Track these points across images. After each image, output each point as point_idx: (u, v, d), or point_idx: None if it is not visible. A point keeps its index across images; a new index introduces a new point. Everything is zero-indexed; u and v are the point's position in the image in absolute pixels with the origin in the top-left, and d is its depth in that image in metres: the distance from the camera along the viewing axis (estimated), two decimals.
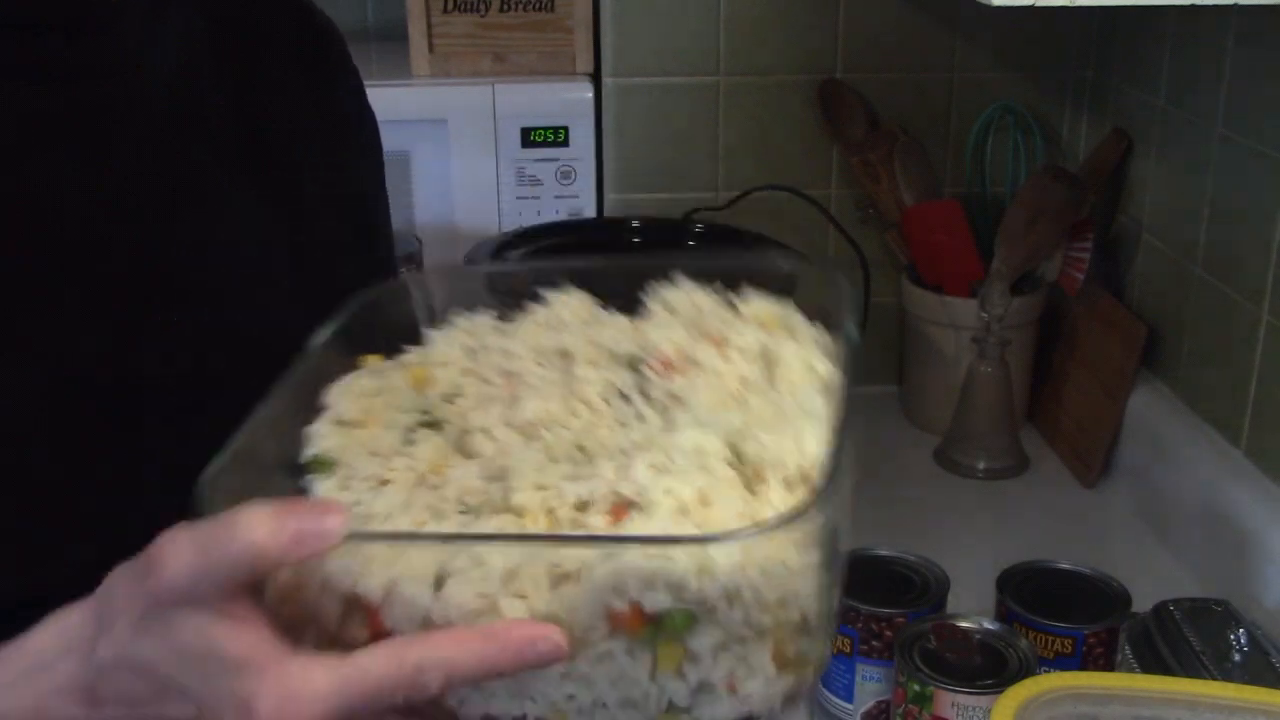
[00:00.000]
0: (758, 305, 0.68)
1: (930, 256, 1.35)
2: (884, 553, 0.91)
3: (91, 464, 0.63)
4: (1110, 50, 1.34)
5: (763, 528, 0.51)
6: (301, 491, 0.59)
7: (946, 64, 1.38)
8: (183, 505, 0.64)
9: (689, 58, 1.36)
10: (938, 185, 1.38)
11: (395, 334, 0.67)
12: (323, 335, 0.64)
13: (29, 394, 0.61)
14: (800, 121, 1.39)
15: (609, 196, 1.41)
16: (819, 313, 0.67)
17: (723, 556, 0.50)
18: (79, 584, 0.63)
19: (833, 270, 0.70)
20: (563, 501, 0.56)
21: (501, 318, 0.69)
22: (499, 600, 0.51)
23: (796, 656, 0.53)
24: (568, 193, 1.39)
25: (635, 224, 1.35)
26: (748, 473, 0.56)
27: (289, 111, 0.77)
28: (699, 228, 1.35)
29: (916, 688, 0.78)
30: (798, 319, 0.67)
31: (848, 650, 0.87)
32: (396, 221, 1.38)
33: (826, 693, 0.89)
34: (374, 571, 0.52)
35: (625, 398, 0.64)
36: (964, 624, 0.82)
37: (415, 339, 0.68)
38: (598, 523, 0.54)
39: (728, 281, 0.69)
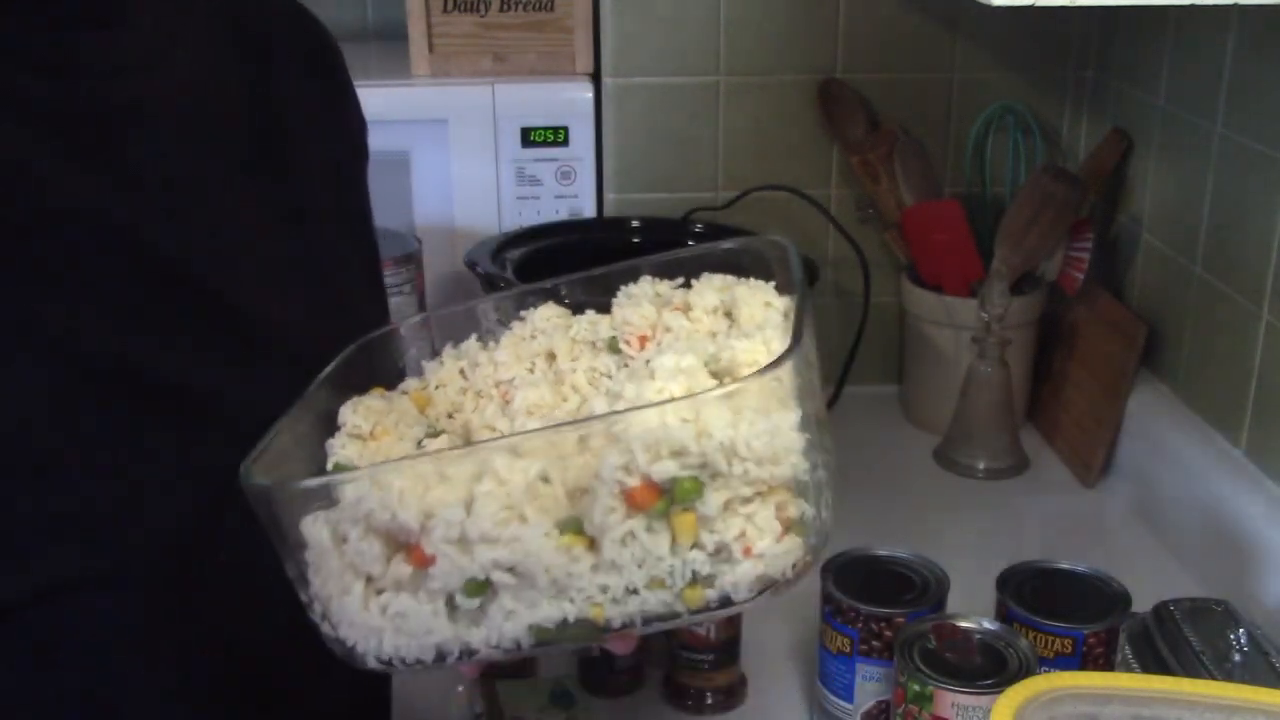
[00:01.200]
0: (713, 281, 0.75)
1: (930, 256, 1.35)
2: (884, 553, 0.91)
3: (96, 457, 0.64)
4: (1110, 50, 1.34)
5: (742, 380, 0.57)
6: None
7: (946, 64, 1.38)
8: (188, 502, 0.65)
9: (689, 58, 1.36)
10: (938, 185, 1.38)
11: (391, 377, 0.74)
12: (325, 372, 0.69)
13: (41, 387, 0.62)
14: (800, 121, 1.39)
15: (609, 196, 1.41)
16: (768, 274, 0.75)
17: (715, 416, 0.56)
18: (81, 581, 0.64)
19: (772, 239, 0.76)
20: (564, 436, 0.61)
21: (484, 341, 0.76)
22: (525, 508, 0.57)
23: (799, 518, 0.58)
24: (568, 193, 1.39)
25: (635, 224, 1.35)
26: (725, 380, 0.62)
27: (302, 123, 0.78)
28: (699, 228, 1.35)
29: (916, 688, 0.78)
30: (748, 280, 0.74)
31: (848, 650, 0.87)
32: (397, 221, 1.39)
33: (826, 693, 0.89)
34: (409, 503, 0.57)
35: (609, 378, 0.71)
36: (964, 624, 0.82)
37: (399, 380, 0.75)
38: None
39: (685, 272, 0.76)
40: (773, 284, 0.74)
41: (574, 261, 0.84)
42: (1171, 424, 1.18)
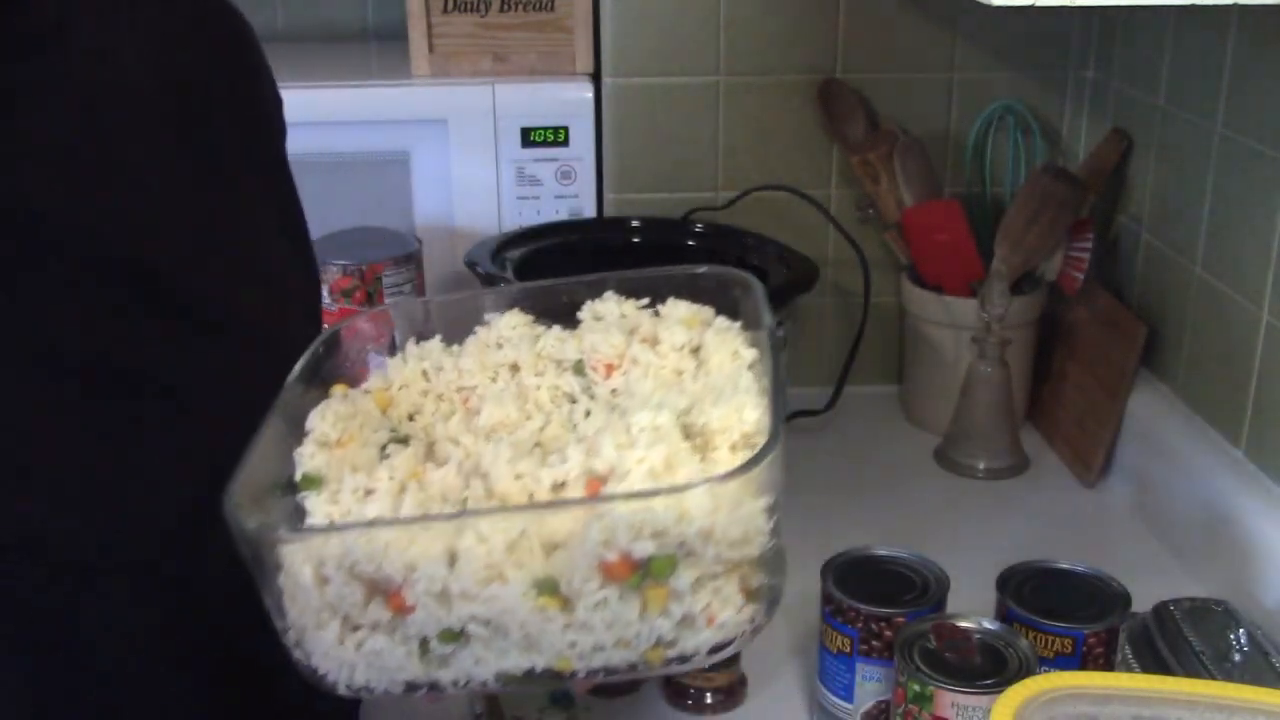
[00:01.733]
0: (679, 309, 0.77)
1: (930, 256, 1.35)
2: (884, 553, 0.91)
3: (76, 450, 0.64)
4: (1110, 50, 1.34)
5: (726, 474, 0.60)
6: (298, 507, 0.67)
7: (946, 64, 1.38)
8: (177, 497, 0.65)
9: (689, 58, 1.36)
10: (938, 185, 1.38)
11: (356, 364, 0.77)
12: (295, 370, 0.71)
13: None
14: (800, 121, 1.39)
15: (609, 196, 1.41)
16: (735, 312, 0.77)
17: (696, 503, 0.59)
18: (74, 573, 0.64)
19: (741, 274, 0.79)
20: (540, 485, 0.64)
21: (448, 341, 0.78)
22: (504, 569, 0.59)
23: (758, 588, 0.63)
24: (568, 193, 1.39)
25: (635, 224, 1.35)
26: (698, 442, 0.66)
27: (216, 98, 0.76)
28: (699, 228, 1.35)
29: (916, 688, 0.78)
30: (715, 316, 0.77)
31: (848, 650, 0.87)
32: (397, 221, 1.39)
33: (826, 692, 0.89)
34: (392, 556, 0.59)
35: (572, 400, 0.73)
36: (964, 624, 0.82)
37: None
38: (578, 493, 0.63)
39: (651, 291, 0.78)
40: (739, 324, 0.76)
41: (574, 261, 0.84)
42: (1171, 424, 1.18)
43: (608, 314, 0.78)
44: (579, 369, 0.75)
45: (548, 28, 1.40)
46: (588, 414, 0.72)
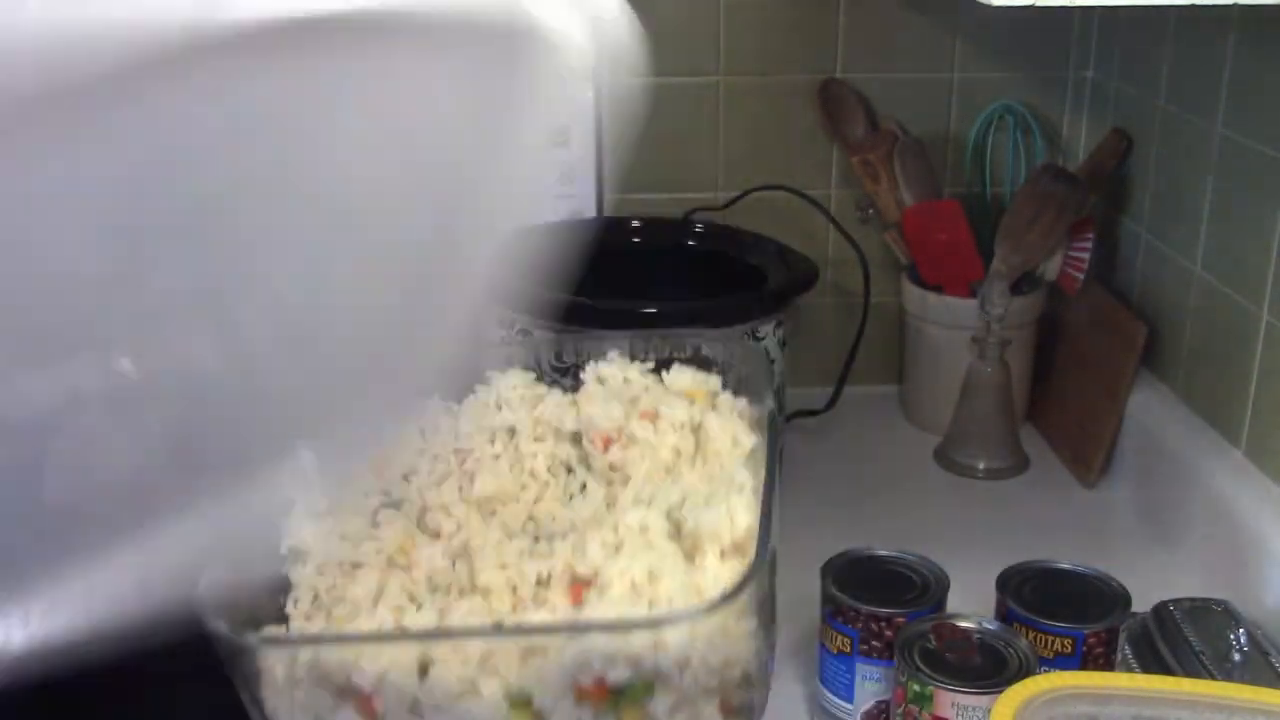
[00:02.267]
0: (684, 378, 0.77)
1: (930, 256, 1.35)
2: (884, 553, 0.91)
3: None
4: (1110, 50, 1.34)
5: (707, 607, 0.59)
6: (284, 579, 0.66)
7: (946, 64, 1.38)
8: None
9: (689, 58, 1.36)
10: (938, 185, 1.38)
11: None
12: None
13: None
14: (800, 121, 1.39)
15: (609, 196, 1.41)
16: (740, 384, 0.77)
17: (674, 633, 0.57)
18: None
19: (750, 345, 0.80)
20: (524, 580, 0.63)
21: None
22: (477, 681, 0.58)
23: (740, 705, 0.61)
24: (568, 193, 1.39)
25: (635, 224, 1.35)
26: (686, 545, 0.64)
27: None
28: (699, 228, 1.35)
29: (916, 687, 0.78)
30: (721, 392, 0.76)
31: (848, 650, 0.87)
32: None
33: (826, 693, 0.89)
34: (364, 665, 0.58)
35: (569, 470, 0.73)
36: (964, 624, 0.82)
37: None
38: (559, 600, 0.62)
39: (657, 353, 0.79)
40: (743, 401, 0.76)
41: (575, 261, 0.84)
42: (1171, 424, 1.18)
43: (610, 378, 0.78)
44: (576, 439, 0.74)
45: None
46: (584, 487, 0.72)
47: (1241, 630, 0.90)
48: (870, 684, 0.87)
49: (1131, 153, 1.29)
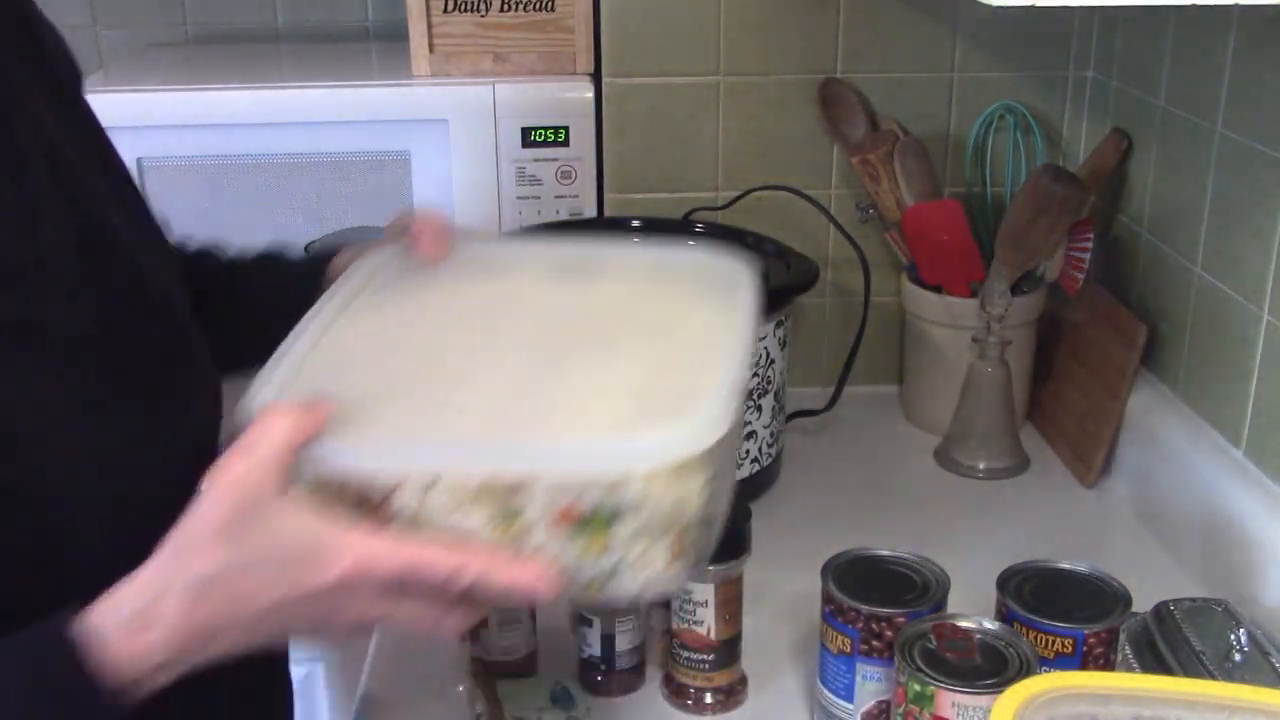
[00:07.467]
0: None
1: (930, 256, 1.35)
2: (884, 553, 0.91)
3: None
4: (1110, 50, 1.34)
5: (665, 452, 0.64)
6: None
7: (946, 64, 1.38)
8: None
9: (689, 58, 1.36)
10: (938, 185, 1.38)
11: None
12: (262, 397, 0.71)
13: None
14: (800, 121, 1.39)
15: (609, 196, 1.41)
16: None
17: (640, 469, 0.64)
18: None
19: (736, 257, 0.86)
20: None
21: None
22: (466, 505, 0.65)
23: (690, 545, 0.67)
24: (568, 193, 1.39)
25: (635, 224, 1.35)
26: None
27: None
28: (699, 228, 1.35)
29: (917, 687, 0.78)
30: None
31: (848, 650, 0.87)
32: None
33: (827, 692, 0.89)
34: (382, 476, 0.65)
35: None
36: (964, 624, 0.82)
37: None
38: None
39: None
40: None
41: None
42: (1171, 424, 1.18)
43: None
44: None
45: (548, 28, 1.40)
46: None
47: (1241, 630, 0.90)
48: (870, 684, 0.87)
49: (1131, 153, 1.29)
